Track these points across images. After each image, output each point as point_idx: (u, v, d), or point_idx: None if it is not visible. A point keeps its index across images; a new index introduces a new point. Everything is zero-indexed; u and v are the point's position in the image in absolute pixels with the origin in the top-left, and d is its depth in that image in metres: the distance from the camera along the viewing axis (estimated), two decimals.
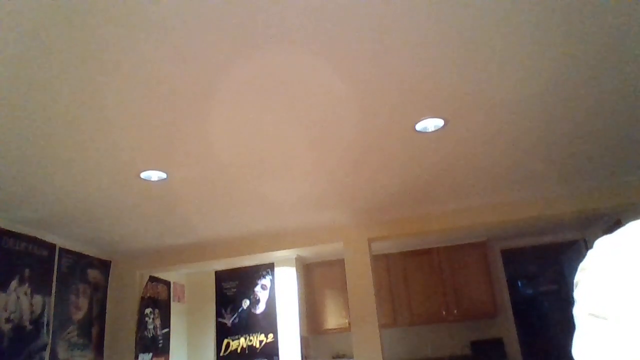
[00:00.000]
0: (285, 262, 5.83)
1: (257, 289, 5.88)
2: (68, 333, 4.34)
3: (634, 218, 0.62)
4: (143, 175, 3.18)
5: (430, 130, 2.91)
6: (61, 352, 4.21)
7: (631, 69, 2.43)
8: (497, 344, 5.68)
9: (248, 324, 5.79)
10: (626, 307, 0.52)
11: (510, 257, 6.31)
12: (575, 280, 0.61)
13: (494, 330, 5.83)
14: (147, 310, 5.23)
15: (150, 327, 5.25)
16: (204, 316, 6.02)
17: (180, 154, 2.95)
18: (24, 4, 1.67)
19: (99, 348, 4.76)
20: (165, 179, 3.27)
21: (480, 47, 2.15)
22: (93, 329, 4.71)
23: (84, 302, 4.61)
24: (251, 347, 5.69)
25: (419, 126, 2.85)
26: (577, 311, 0.58)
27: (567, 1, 1.90)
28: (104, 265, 5.00)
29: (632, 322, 0.51)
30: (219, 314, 5.95)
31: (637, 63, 2.38)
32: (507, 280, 6.02)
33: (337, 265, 5.96)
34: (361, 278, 4.67)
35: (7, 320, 3.66)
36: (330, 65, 2.19)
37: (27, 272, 3.92)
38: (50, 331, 4.11)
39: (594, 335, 0.54)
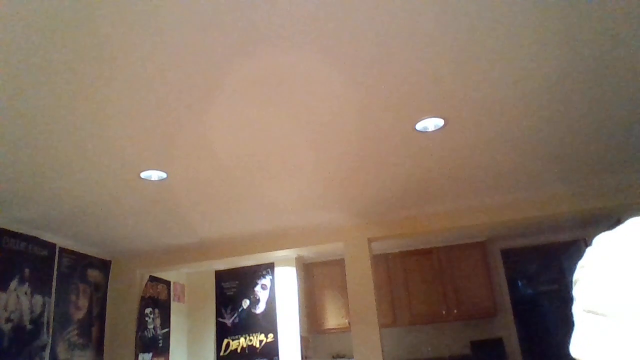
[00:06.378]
0: (285, 262, 5.84)
1: (257, 288, 5.88)
2: (68, 333, 4.34)
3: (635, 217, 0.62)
4: (143, 174, 3.18)
5: (430, 129, 2.91)
6: (61, 352, 4.21)
7: (631, 68, 2.43)
8: (496, 344, 5.68)
9: (248, 324, 5.79)
10: (625, 304, 0.52)
11: (510, 256, 6.31)
12: (574, 278, 0.61)
13: (494, 330, 5.83)
14: (147, 310, 5.23)
15: (150, 326, 5.25)
16: (204, 316, 6.02)
17: (181, 153, 2.95)
18: (24, 4, 1.67)
19: (99, 348, 4.76)
20: (165, 178, 3.27)
21: (480, 46, 2.15)
22: (93, 328, 4.71)
23: (84, 302, 4.61)
24: (251, 347, 5.69)
25: (419, 126, 2.85)
26: (575, 309, 0.58)
27: (566, 1, 1.90)
28: (104, 265, 5.00)
29: (630, 319, 0.50)
30: (219, 314, 5.95)
31: (637, 62, 2.38)
32: (507, 280, 6.02)
33: (337, 265, 5.96)
34: (361, 278, 4.67)
35: (7, 320, 3.67)
36: (330, 65, 2.19)
37: (27, 271, 3.92)
38: (50, 331, 4.11)
39: (592, 332, 0.54)
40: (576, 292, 0.59)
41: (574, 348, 0.56)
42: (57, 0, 1.67)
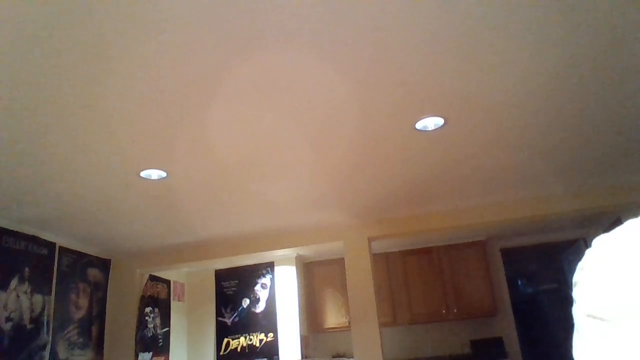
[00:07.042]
0: (285, 261, 5.84)
1: (257, 287, 5.89)
2: (68, 332, 4.34)
3: (634, 217, 0.62)
4: (143, 174, 3.18)
5: (430, 129, 2.91)
6: (61, 351, 4.22)
7: (631, 68, 2.42)
8: (496, 343, 5.68)
9: (248, 323, 5.79)
10: (625, 308, 0.51)
11: (510, 256, 6.31)
12: (574, 280, 0.61)
13: (494, 329, 5.84)
14: (147, 309, 5.23)
15: (150, 326, 5.26)
16: (204, 315, 6.02)
17: (181, 152, 2.95)
18: (24, 4, 1.67)
19: (98, 347, 4.76)
20: (165, 177, 3.27)
21: (481, 45, 2.15)
22: (93, 328, 4.71)
23: (83, 301, 4.61)
24: (251, 346, 5.70)
25: (419, 125, 2.85)
26: (575, 311, 0.58)
27: (567, 1, 1.90)
28: (104, 264, 5.01)
29: (630, 323, 0.50)
30: (219, 313, 5.95)
31: (636, 62, 2.38)
32: (507, 279, 6.02)
33: (337, 264, 5.96)
34: (361, 277, 4.67)
35: (7, 319, 3.67)
36: (330, 64, 2.19)
37: (27, 271, 3.92)
38: (51, 330, 4.11)
39: (593, 337, 0.54)
40: (576, 294, 0.59)
41: (576, 353, 0.56)
42: (57, 2, 1.67)
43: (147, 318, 5.20)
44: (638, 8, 1.97)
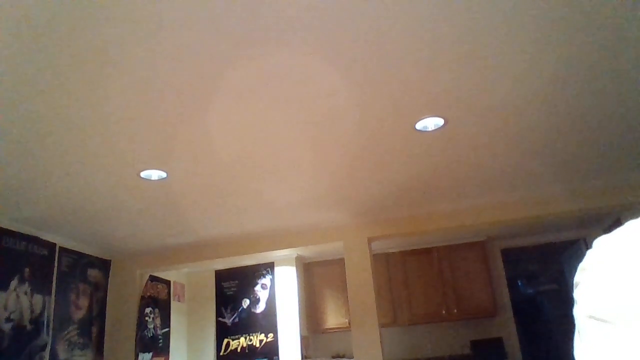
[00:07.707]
0: (285, 262, 5.84)
1: (257, 288, 5.89)
2: (68, 332, 4.34)
3: (634, 217, 0.62)
4: (143, 174, 3.18)
5: (430, 129, 2.91)
6: (61, 352, 4.21)
7: (630, 69, 2.42)
8: (496, 344, 5.68)
9: (248, 324, 5.79)
10: (626, 309, 0.51)
11: (510, 256, 6.31)
12: (575, 281, 0.61)
13: (494, 330, 5.83)
14: (147, 310, 5.23)
15: (150, 326, 5.26)
16: (204, 315, 6.02)
17: (181, 153, 2.95)
18: (24, 3, 1.67)
19: (99, 347, 4.76)
20: (165, 178, 3.27)
21: (481, 46, 2.15)
22: (93, 328, 4.71)
23: (84, 302, 4.61)
24: (251, 347, 5.69)
25: (419, 125, 2.85)
26: (577, 313, 0.58)
27: (567, 2, 1.90)
28: (104, 265, 5.01)
29: (633, 325, 0.50)
30: (219, 314, 5.95)
31: (636, 63, 2.38)
32: (507, 280, 6.02)
33: (337, 264, 5.96)
34: (361, 277, 4.67)
35: (7, 319, 3.67)
36: (329, 64, 2.19)
37: (27, 271, 3.92)
38: (51, 330, 4.11)
39: (595, 339, 0.54)
40: (577, 295, 0.59)
41: (577, 354, 0.56)
42: (58, 2, 1.67)
43: (147, 318, 5.20)
44: (637, 8, 1.97)
